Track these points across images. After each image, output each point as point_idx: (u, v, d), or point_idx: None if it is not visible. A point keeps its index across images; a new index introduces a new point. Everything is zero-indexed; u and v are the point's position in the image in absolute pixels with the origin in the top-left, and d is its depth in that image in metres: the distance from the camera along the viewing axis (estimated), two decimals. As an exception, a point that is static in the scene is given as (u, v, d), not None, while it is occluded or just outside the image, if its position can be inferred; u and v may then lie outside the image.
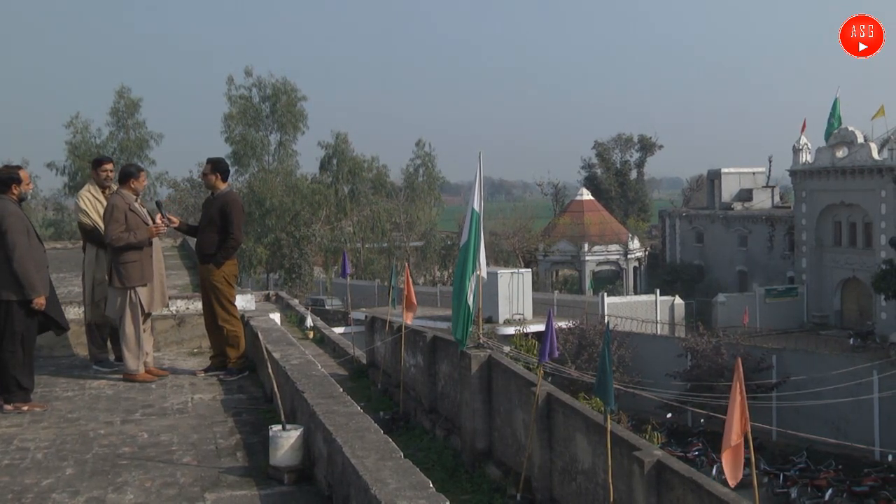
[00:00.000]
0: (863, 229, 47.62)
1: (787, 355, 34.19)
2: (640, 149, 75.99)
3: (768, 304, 48.28)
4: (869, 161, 46.50)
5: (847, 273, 48.06)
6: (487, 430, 12.29)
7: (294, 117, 56.41)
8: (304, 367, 7.80)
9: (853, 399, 28.71)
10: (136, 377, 8.85)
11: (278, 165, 56.56)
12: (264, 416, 7.63)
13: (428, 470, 11.18)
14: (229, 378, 9.13)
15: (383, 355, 17.63)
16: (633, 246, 57.85)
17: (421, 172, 64.53)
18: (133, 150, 53.48)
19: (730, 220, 58.31)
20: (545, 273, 56.65)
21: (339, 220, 57.91)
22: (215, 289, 9.09)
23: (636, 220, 70.44)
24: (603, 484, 9.23)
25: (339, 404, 6.40)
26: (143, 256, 8.76)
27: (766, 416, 30.64)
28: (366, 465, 4.96)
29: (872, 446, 30.00)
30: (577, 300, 45.30)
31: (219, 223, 9.01)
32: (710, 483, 8.26)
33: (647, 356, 35.91)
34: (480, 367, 12.27)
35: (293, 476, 6.01)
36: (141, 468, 6.24)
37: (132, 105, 55.25)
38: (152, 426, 7.37)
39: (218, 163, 9.28)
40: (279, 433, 6.10)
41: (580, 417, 10.03)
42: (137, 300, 8.72)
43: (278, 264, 51.41)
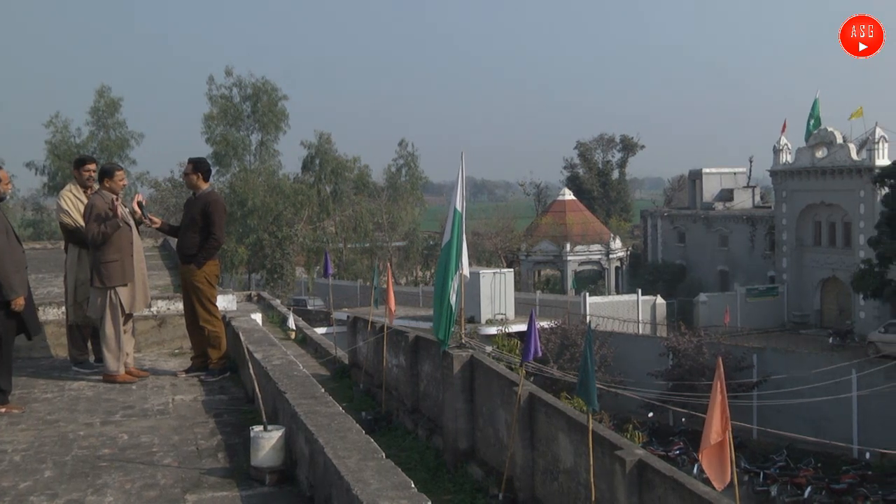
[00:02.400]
0: (842, 229, 48.01)
1: (767, 354, 34.41)
2: (622, 149, 76.30)
3: (749, 303, 48.60)
4: (848, 161, 46.88)
5: (827, 273, 48.44)
6: (470, 430, 12.30)
7: (275, 117, 56.26)
8: (286, 367, 7.78)
9: (832, 398, 28.94)
10: (117, 378, 8.80)
11: (260, 165, 56.39)
12: (246, 417, 7.61)
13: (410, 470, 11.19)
14: (210, 379, 9.09)
15: (365, 355, 17.62)
16: (615, 246, 58.06)
17: (403, 172, 64.56)
18: (113, 150, 53.14)
19: (711, 219, 58.63)
20: (527, 273, 56.76)
21: (321, 221, 57.80)
22: (197, 289, 9.05)
23: (618, 220, 70.72)
24: (585, 483, 9.26)
25: (320, 405, 6.38)
26: (125, 256, 8.70)
27: (747, 415, 30.83)
28: (347, 465, 4.96)
29: (851, 444, 30.24)
30: (559, 300, 45.41)
31: (200, 223, 8.97)
32: (692, 482, 8.29)
33: (629, 356, 36.03)
34: (463, 367, 12.28)
35: (275, 477, 5.99)
36: (121, 470, 6.20)
37: (112, 104, 54.89)
38: (133, 427, 7.33)
39: (199, 163, 9.24)
40: (261, 434, 6.08)
41: (562, 417, 10.06)
42: (118, 300, 8.67)
43: (260, 264, 51.23)
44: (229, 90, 56.08)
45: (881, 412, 30.08)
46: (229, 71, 56.10)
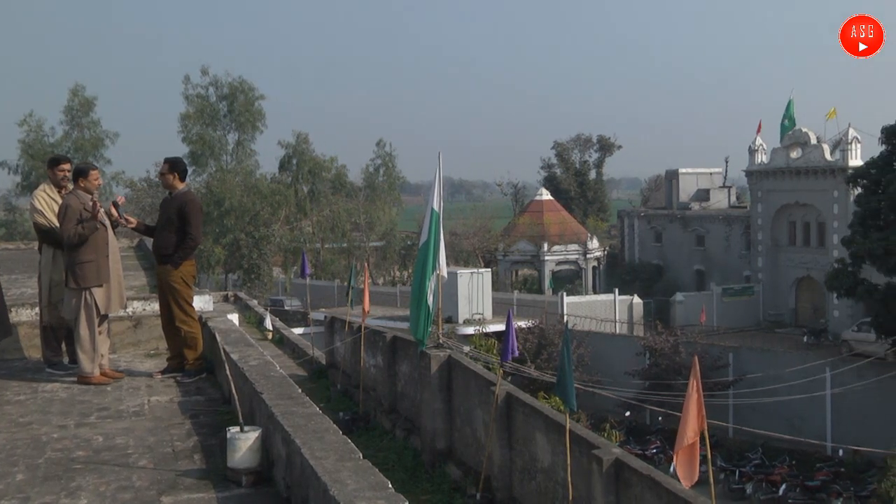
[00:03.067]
0: (816, 229, 48.49)
1: (743, 353, 34.67)
2: (599, 149, 76.57)
3: (725, 302, 48.96)
4: (822, 162, 47.35)
5: (801, 272, 48.90)
6: (447, 429, 12.31)
7: (252, 116, 56.01)
8: (263, 368, 7.74)
9: (807, 396, 29.21)
10: (91, 380, 8.72)
11: (237, 165, 56.11)
12: (222, 418, 7.56)
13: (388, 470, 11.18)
14: (187, 380, 9.03)
15: (343, 356, 17.58)
16: (592, 246, 58.28)
17: (381, 172, 64.45)
18: (88, 150, 52.68)
19: (687, 219, 59.00)
20: (505, 273, 56.86)
21: (298, 221, 57.61)
22: (173, 289, 8.99)
23: (595, 220, 70.98)
24: (562, 482, 9.29)
25: (297, 405, 6.36)
26: (100, 257, 8.62)
27: (723, 414, 31.04)
28: (325, 466, 4.94)
29: (825, 442, 30.54)
30: (536, 300, 45.51)
31: (177, 223, 8.91)
32: (668, 480, 8.35)
33: (606, 355, 36.19)
34: (440, 366, 12.28)
35: (251, 478, 5.96)
36: (95, 472, 6.14)
37: (87, 104, 54.41)
38: (107, 429, 7.26)
39: (176, 162, 9.17)
40: (237, 435, 6.04)
41: (540, 417, 10.09)
42: (93, 301, 8.59)
43: (237, 265, 50.97)
44: (205, 90, 55.80)
45: (854, 410, 30.40)
46: (205, 70, 55.82)
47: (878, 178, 31.18)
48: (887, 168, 31.17)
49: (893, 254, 28.81)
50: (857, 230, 30.86)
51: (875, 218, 30.61)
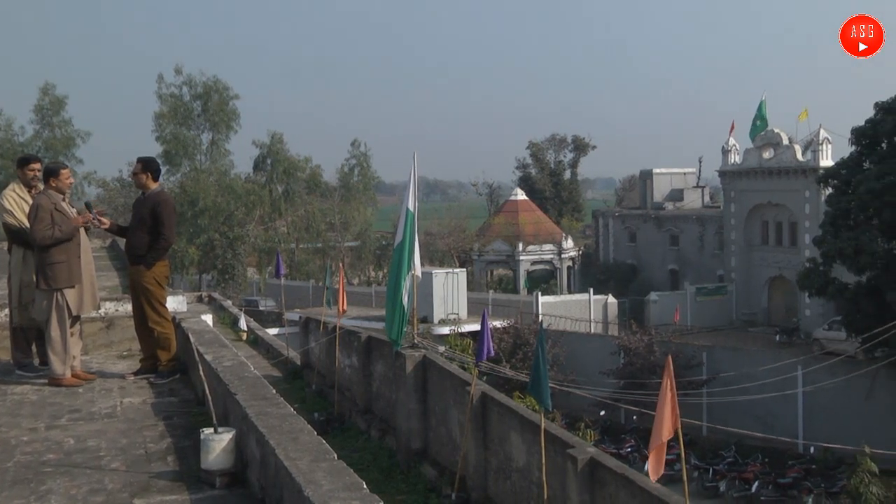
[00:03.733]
0: (788, 228, 48.98)
1: (716, 352, 34.92)
2: (574, 149, 76.85)
3: (699, 302, 49.32)
4: (794, 162, 47.84)
5: (774, 271, 49.37)
6: (423, 429, 12.31)
7: (226, 116, 55.64)
8: (237, 368, 7.70)
9: (779, 394, 29.49)
10: (63, 381, 8.63)
11: (211, 165, 55.74)
12: (196, 420, 7.51)
13: (363, 471, 11.16)
14: (160, 381, 8.97)
15: (318, 356, 17.54)
16: (567, 245, 58.49)
17: (356, 172, 64.25)
18: (59, 149, 52.11)
19: (661, 219, 59.37)
20: (480, 273, 56.92)
21: (273, 221, 57.34)
22: (146, 290, 8.92)
23: (570, 220, 71.24)
24: (537, 482, 9.31)
25: (272, 406, 6.33)
26: (71, 257, 8.53)
27: (697, 412, 31.25)
28: (299, 466, 4.93)
29: (796, 439, 30.85)
30: (511, 300, 45.60)
31: (149, 223, 8.85)
32: (642, 479, 8.40)
33: (581, 355, 36.32)
34: (415, 367, 12.28)
35: (225, 479, 5.92)
36: (67, 475, 6.08)
37: (57, 102, 53.83)
38: (79, 431, 7.19)
39: (149, 162, 9.11)
40: (211, 436, 6.01)
41: (515, 416, 10.11)
42: (64, 302, 8.50)
43: (211, 265, 50.65)
44: (179, 89, 55.38)
45: (825, 408, 30.74)
46: (179, 69, 55.40)
47: (849, 178, 31.52)
48: (857, 169, 31.53)
49: (863, 253, 29.15)
50: (828, 230, 31.19)
51: (845, 218, 30.95)
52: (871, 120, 31.20)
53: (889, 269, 29.18)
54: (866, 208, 30.08)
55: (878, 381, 29.37)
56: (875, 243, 29.75)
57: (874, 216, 30.00)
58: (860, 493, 22.90)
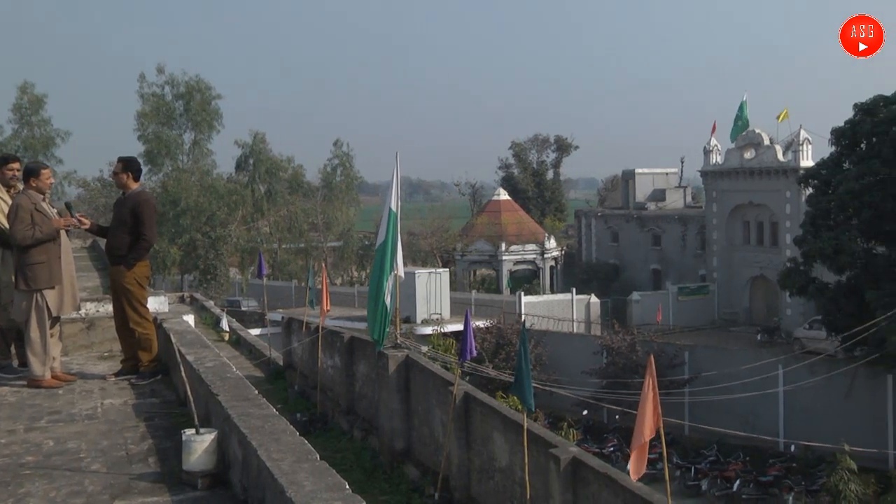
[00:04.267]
0: (770, 228, 49.28)
1: (698, 352, 35.10)
2: (557, 149, 76.99)
3: (681, 301, 49.54)
4: (775, 162, 48.15)
5: (755, 271, 49.66)
6: (405, 430, 12.29)
7: (209, 116, 55.31)
8: (219, 369, 7.67)
9: (760, 393, 29.68)
10: (42, 383, 8.56)
11: (193, 165, 55.42)
12: (177, 421, 7.47)
13: (345, 471, 11.13)
14: (141, 382, 8.92)
15: (300, 356, 17.48)
16: (549, 245, 58.60)
17: (339, 172, 64.03)
18: (38, 149, 51.64)
19: (644, 219, 59.59)
20: (463, 273, 56.94)
21: (255, 221, 57.09)
22: (126, 291, 8.87)
23: (553, 220, 71.37)
24: (520, 481, 9.32)
25: (254, 407, 6.31)
26: (51, 258, 8.47)
27: (679, 412, 31.40)
28: (281, 467, 4.91)
29: (777, 438, 31.07)
30: (494, 299, 45.63)
31: (130, 224, 8.80)
32: (625, 478, 8.42)
33: (564, 354, 36.40)
34: (398, 367, 12.26)
35: (207, 481, 5.90)
36: (46, 477, 6.03)
37: (36, 101, 53.35)
38: (59, 433, 7.14)
39: (129, 161, 9.05)
40: (193, 437, 5.98)
41: (497, 416, 10.12)
42: (44, 303, 8.44)
43: (193, 265, 50.38)
44: (161, 88, 55.01)
45: (806, 406, 30.95)
46: (161, 69, 55.04)
47: (829, 178, 31.76)
48: (837, 169, 31.77)
49: (843, 253, 29.36)
50: (809, 230, 31.41)
51: (826, 218, 31.18)
52: (851, 121, 31.45)
53: (868, 269, 29.43)
54: (846, 208, 30.31)
55: (858, 380, 29.62)
56: (854, 243, 30.00)
57: (854, 216, 30.24)
58: (840, 490, 23.09)
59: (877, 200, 28.68)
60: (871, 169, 29.38)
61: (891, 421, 29.18)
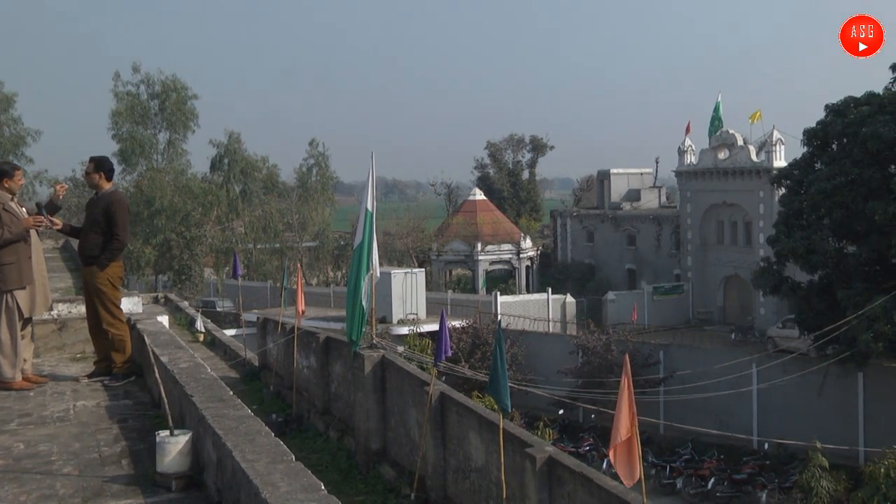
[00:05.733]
0: (743, 228, 49.70)
1: (673, 351, 35.31)
2: (532, 149, 77.19)
3: (656, 301, 49.84)
4: (748, 163, 48.57)
5: (729, 270, 50.06)
6: (381, 430, 12.28)
7: (184, 115, 54.95)
8: (193, 370, 7.62)
9: (734, 391, 29.90)
10: (13, 385, 8.46)
11: (168, 164, 55.02)
12: (151, 422, 7.42)
13: (321, 472, 11.11)
14: (114, 383, 8.84)
15: (276, 357, 17.41)
16: (525, 245, 58.75)
17: (314, 172, 63.83)
18: (8, 148, 51.08)
19: (619, 219, 59.88)
20: (439, 273, 56.96)
21: (230, 221, 56.76)
22: (99, 292, 8.79)
23: (528, 220, 71.54)
24: (496, 481, 9.33)
25: (229, 408, 6.28)
26: (22, 258, 8.37)
27: (654, 410, 31.58)
28: (256, 469, 4.88)
29: (751, 436, 31.32)
30: (470, 299, 45.69)
31: (103, 224, 8.73)
32: (600, 477, 8.46)
33: (540, 354, 36.50)
34: (374, 367, 12.24)
35: (181, 482, 5.86)
36: (16, 481, 5.96)
37: (6, 100, 52.76)
38: (29, 436, 7.06)
39: (101, 161, 8.97)
40: (167, 439, 5.94)
41: (473, 416, 10.13)
42: (15, 304, 8.34)
43: (167, 266, 50.02)
44: (136, 87, 54.57)
45: (779, 405, 31.23)
46: (136, 67, 54.60)
47: (801, 178, 32.04)
48: (809, 169, 32.05)
49: (815, 252, 29.64)
50: (782, 230, 31.67)
51: (798, 217, 31.45)
52: (822, 122, 31.75)
53: (839, 268, 29.73)
54: (818, 208, 30.60)
55: (829, 378, 29.92)
56: (826, 242, 30.29)
57: (825, 216, 30.53)
58: (811, 487, 23.33)
59: (848, 200, 28.97)
60: (842, 169, 29.68)
61: (861, 418, 29.51)
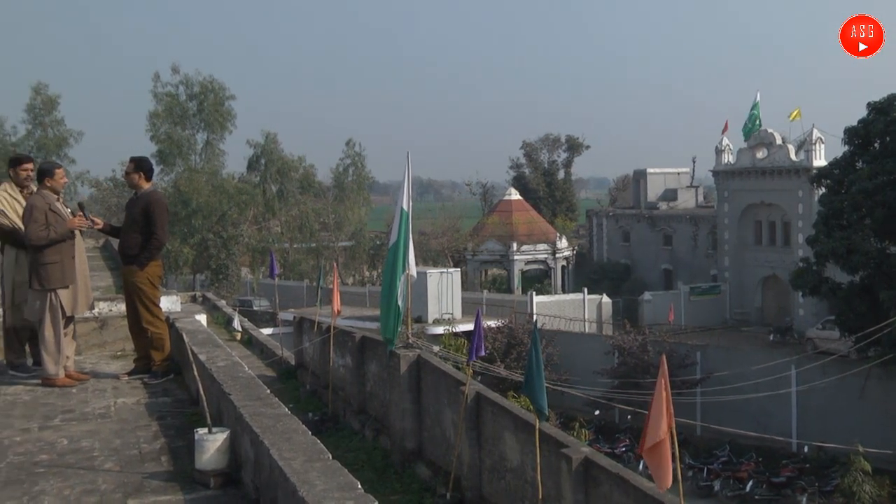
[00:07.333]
0: (782, 228, 49.08)
1: (710, 352, 34.96)
2: (568, 149, 76.86)
3: (692, 301, 49.38)
4: (787, 162, 47.94)
5: (767, 271, 49.46)
6: (417, 429, 12.29)
7: (221, 116, 55.55)
8: (231, 368, 7.69)
9: (772, 393, 29.53)
10: (56, 382, 8.60)
11: (205, 165, 55.64)
12: (190, 420, 7.50)
13: (357, 471, 11.14)
14: (153, 381, 8.95)
15: (312, 356, 17.51)
16: (560, 245, 58.51)
17: (350, 172, 64.17)
18: (51, 149, 51.97)
19: (655, 219, 59.42)
20: (474, 272, 56.90)
21: (266, 220, 57.25)
22: (139, 290, 8.90)
23: (564, 220, 71.26)
24: (531, 481, 9.31)
25: (266, 406, 6.32)
26: (65, 257, 8.50)
27: (691, 412, 31.30)
28: (293, 467, 4.91)
29: (790, 438, 30.90)
30: (505, 299, 45.57)
31: (142, 223, 8.82)
32: (636, 478, 8.40)
33: (575, 354, 36.33)
34: (409, 366, 12.26)
35: (219, 480, 5.91)
36: (59, 476, 6.06)
37: (50, 102, 53.67)
38: (72, 432, 7.17)
39: (141, 161, 9.08)
40: (205, 436, 5.99)
41: (509, 416, 10.11)
42: (58, 303, 8.47)
43: (205, 265, 50.57)
44: (175, 88, 55.24)
45: (818, 407, 30.79)
46: (175, 68, 55.27)
47: (842, 178, 31.59)
48: (850, 168, 31.60)
49: (856, 253, 29.20)
50: (821, 229, 31.24)
51: (838, 217, 31.01)
52: (864, 120, 31.28)
53: (881, 269, 29.25)
54: (859, 208, 30.14)
55: (871, 381, 29.45)
56: (867, 243, 29.82)
57: (866, 216, 30.07)
58: (854, 491, 22.96)
59: (890, 200, 28.51)
60: (884, 168, 29.21)
61: (904, 422, 29.00)
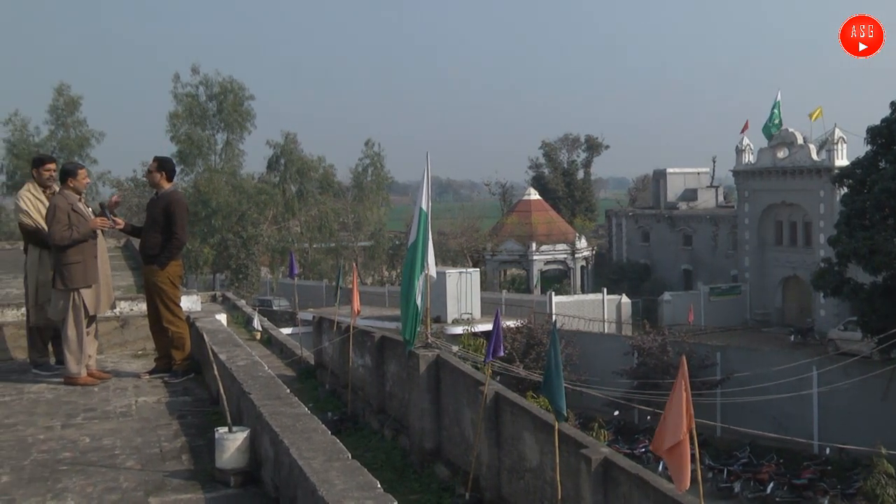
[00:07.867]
0: (803, 228, 48.73)
1: (730, 352, 34.77)
2: (587, 149, 76.70)
3: (712, 302, 49.12)
4: (808, 162, 47.58)
5: (788, 271, 49.12)
6: (436, 429, 12.30)
7: (241, 116, 55.82)
8: (251, 368, 7.72)
9: (794, 395, 29.31)
10: (78, 380, 8.67)
11: (225, 165, 55.94)
12: (210, 419, 7.54)
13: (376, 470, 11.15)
14: (174, 380, 9.00)
15: (331, 356, 17.56)
16: (580, 245, 58.37)
17: (369, 172, 64.32)
18: (73, 149, 52.45)
19: (675, 219, 59.15)
20: (493, 272, 56.87)
21: (286, 221, 57.49)
22: (160, 290, 8.95)
23: (583, 220, 71.12)
24: (550, 482, 9.29)
25: (285, 405, 6.34)
26: (87, 257, 8.57)
27: (711, 413, 31.12)
28: (313, 466, 4.93)
29: (811, 440, 30.66)
30: (524, 299, 45.53)
31: (162, 223, 8.88)
32: (656, 479, 8.37)
33: (594, 354, 36.23)
34: (428, 366, 12.28)
35: (239, 478, 5.94)
36: (82, 473, 6.11)
37: (72, 103, 54.16)
38: (94, 430, 7.23)
39: (165, 161, 9.14)
40: (225, 435, 6.02)
41: (528, 416, 10.10)
42: (81, 302, 8.54)
43: (225, 265, 50.83)
44: (195, 88, 55.56)
45: (840, 408, 30.54)
46: (195, 69, 55.58)
47: (864, 177, 31.32)
48: (872, 168, 31.32)
49: (878, 253, 28.94)
50: (843, 230, 30.98)
51: (860, 217, 30.74)
52: (887, 119, 30.99)
53: (905, 270, 28.98)
54: (882, 208, 29.87)
55: (894, 382, 29.17)
56: (890, 243, 29.53)
57: (889, 216, 29.80)
58: (877, 494, 22.74)
59: (914, 200, 28.26)
60: (907, 168, 28.95)
61: (928, 424, 28.71)
